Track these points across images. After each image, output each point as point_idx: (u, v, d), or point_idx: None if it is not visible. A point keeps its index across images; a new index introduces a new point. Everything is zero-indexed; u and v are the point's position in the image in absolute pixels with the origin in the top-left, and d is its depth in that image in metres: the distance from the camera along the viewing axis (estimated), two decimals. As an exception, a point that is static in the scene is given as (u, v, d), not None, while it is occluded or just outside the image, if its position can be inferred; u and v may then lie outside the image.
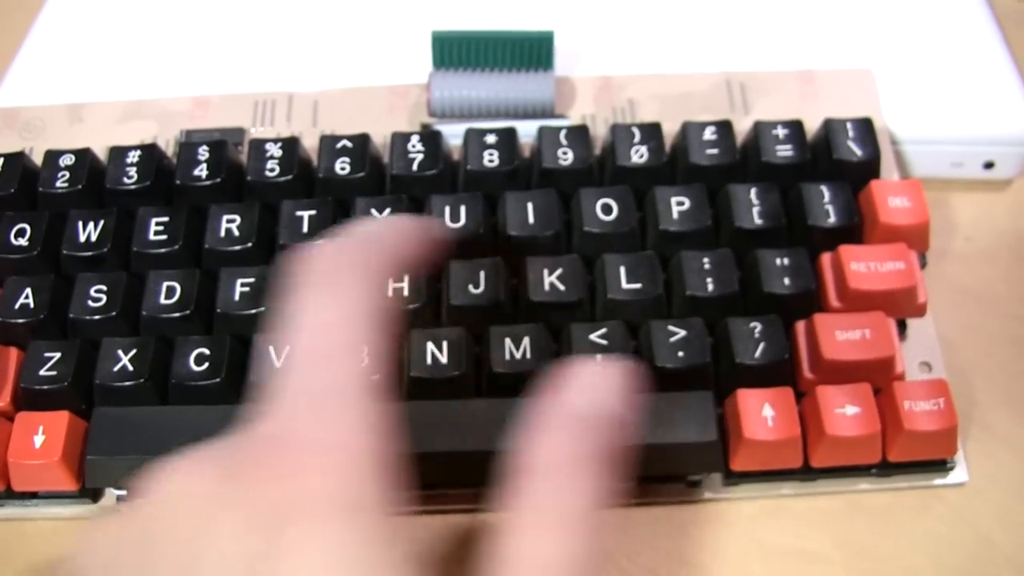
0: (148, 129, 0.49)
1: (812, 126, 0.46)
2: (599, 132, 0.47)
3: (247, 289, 0.42)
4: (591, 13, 0.52)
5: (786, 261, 0.42)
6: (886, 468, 0.41)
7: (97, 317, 0.42)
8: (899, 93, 0.48)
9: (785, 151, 0.45)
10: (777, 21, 0.52)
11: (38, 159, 0.47)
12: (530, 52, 0.47)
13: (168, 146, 0.48)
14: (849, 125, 0.45)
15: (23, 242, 0.44)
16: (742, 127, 0.46)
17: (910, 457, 0.40)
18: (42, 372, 0.41)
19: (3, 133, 0.49)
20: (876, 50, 0.50)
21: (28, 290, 0.43)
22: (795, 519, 0.41)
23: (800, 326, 0.42)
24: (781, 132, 0.45)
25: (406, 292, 0.42)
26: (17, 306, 0.43)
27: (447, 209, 0.43)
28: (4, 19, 0.55)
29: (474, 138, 0.45)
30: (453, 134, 0.46)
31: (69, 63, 0.52)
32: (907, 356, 0.42)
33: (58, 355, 0.42)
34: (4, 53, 0.53)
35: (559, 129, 0.45)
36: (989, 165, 0.48)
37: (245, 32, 0.53)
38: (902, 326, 0.43)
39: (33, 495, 0.42)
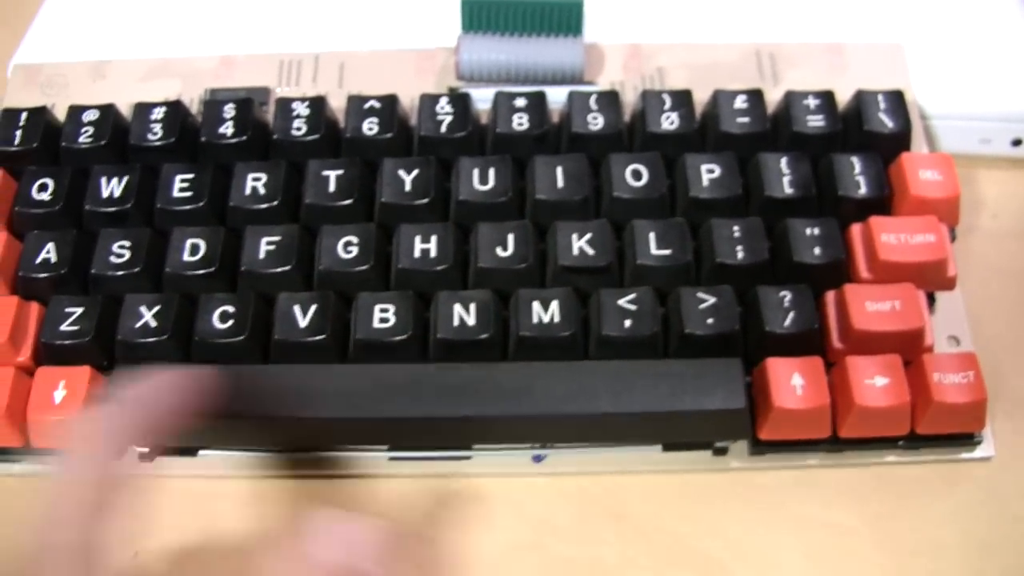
0: (172, 87, 0.48)
1: (841, 99, 0.46)
2: (628, 99, 0.46)
3: (272, 248, 0.42)
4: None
5: (816, 231, 0.42)
6: (914, 441, 0.40)
7: (120, 273, 0.42)
8: (929, 68, 0.48)
9: (816, 121, 0.44)
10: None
11: (61, 116, 0.46)
12: (559, 18, 0.47)
13: (192, 105, 0.47)
14: (881, 97, 0.45)
15: (45, 197, 0.44)
16: (772, 98, 0.46)
17: (939, 430, 0.40)
18: (63, 327, 0.41)
19: (26, 89, 0.49)
20: (906, 24, 0.49)
21: (50, 245, 0.43)
22: (822, 490, 0.41)
23: (830, 296, 0.41)
24: (812, 102, 0.45)
25: (434, 253, 0.41)
26: (39, 260, 0.42)
27: (475, 171, 0.43)
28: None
29: (503, 101, 0.45)
30: (480, 98, 0.46)
31: (92, 20, 0.52)
32: (935, 330, 0.42)
33: (80, 310, 0.41)
34: (27, 8, 0.52)
35: (589, 94, 0.45)
36: (1017, 142, 0.48)
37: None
38: (931, 300, 0.43)
39: (51, 451, 0.41)
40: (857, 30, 0.49)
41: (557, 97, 0.46)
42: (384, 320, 0.40)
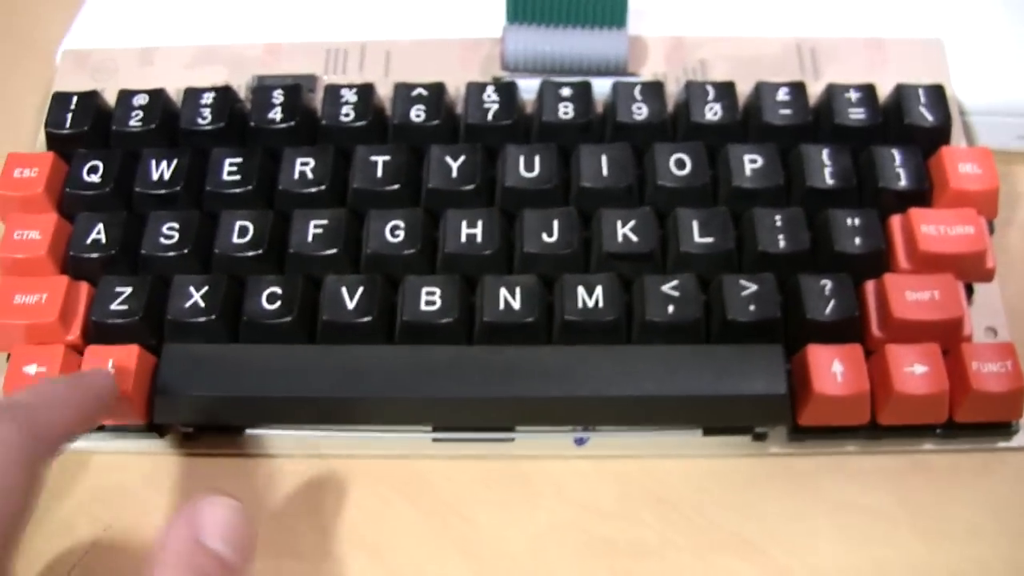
0: (218, 74, 0.49)
1: (882, 93, 0.46)
2: (670, 90, 0.47)
3: (320, 231, 0.43)
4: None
5: (857, 221, 0.42)
6: (951, 429, 0.41)
7: (170, 254, 0.43)
8: (968, 64, 0.48)
9: (857, 114, 0.45)
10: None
11: (110, 100, 0.47)
12: (603, 10, 0.47)
13: (239, 91, 0.48)
14: (921, 91, 0.45)
15: (96, 179, 0.44)
16: (812, 91, 0.46)
17: (976, 418, 0.41)
18: (113, 306, 0.42)
19: (75, 74, 0.49)
20: (946, 20, 0.50)
21: (100, 226, 0.43)
22: (860, 476, 0.41)
23: (869, 286, 0.42)
24: (854, 95, 0.45)
25: (480, 238, 0.42)
26: (89, 241, 0.43)
27: (521, 159, 0.44)
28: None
29: (549, 90, 0.45)
30: (525, 88, 0.47)
31: (140, 6, 0.52)
32: (973, 321, 0.42)
33: (129, 290, 0.42)
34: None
35: (634, 84, 0.46)
36: (1054, 139, 0.49)
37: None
38: (969, 291, 0.43)
39: (100, 428, 0.42)
40: (897, 25, 0.50)
41: (601, 88, 0.46)
42: (431, 303, 0.41)
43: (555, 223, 0.42)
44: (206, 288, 0.42)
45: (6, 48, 0.55)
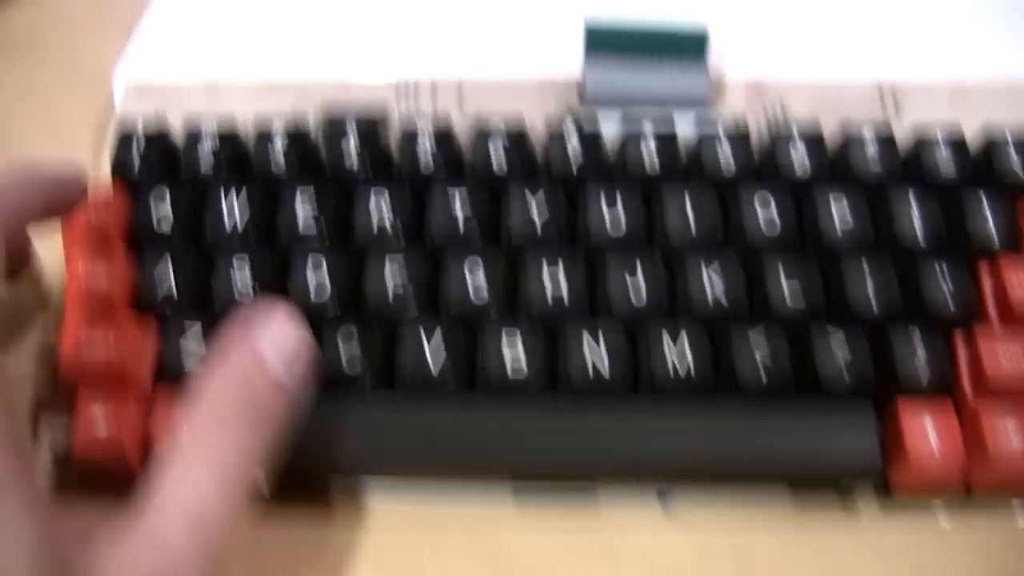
0: (286, 104, 0.47)
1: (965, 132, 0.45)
2: (752, 127, 0.45)
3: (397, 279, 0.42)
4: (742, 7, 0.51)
5: (947, 270, 0.41)
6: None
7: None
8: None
9: (947, 166, 0.44)
10: (931, 28, 0.50)
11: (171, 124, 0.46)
12: (683, 46, 0.46)
13: (307, 118, 0.46)
14: (1010, 137, 0.44)
15: (164, 217, 0.43)
16: (896, 131, 0.45)
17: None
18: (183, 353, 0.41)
19: (137, 102, 0.48)
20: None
21: (168, 266, 0.43)
22: (952, 551, 0.40)
23: (959, 337, 0.41)
24: (944, 150, 0.44)
25: (563, 288, 0.41)
26: (157, 281, 0.42)
27: (604, 207, 0.43)
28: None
29: (633, 143, 0.44)
30: (604, 118, 0.45)
31: (201, 38, 0.51)
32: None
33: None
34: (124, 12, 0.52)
35: (718, 137, 0.44)
36: None
37: (385, 15, 0.52)
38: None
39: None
40: (980, 66, 0.49)
41: (682, 121, 0.45)
42: (515, 359, 0.40)
43: (639, 269, 0.42)
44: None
45: (57, 76, 0.53)
